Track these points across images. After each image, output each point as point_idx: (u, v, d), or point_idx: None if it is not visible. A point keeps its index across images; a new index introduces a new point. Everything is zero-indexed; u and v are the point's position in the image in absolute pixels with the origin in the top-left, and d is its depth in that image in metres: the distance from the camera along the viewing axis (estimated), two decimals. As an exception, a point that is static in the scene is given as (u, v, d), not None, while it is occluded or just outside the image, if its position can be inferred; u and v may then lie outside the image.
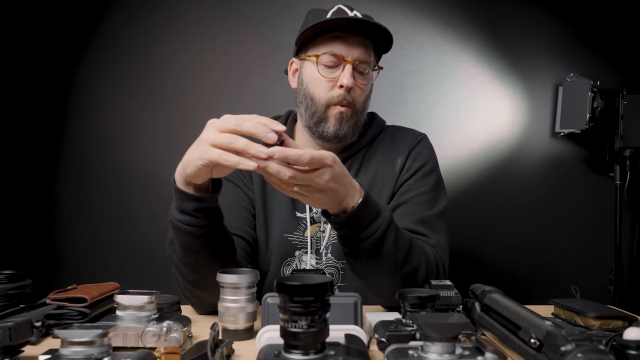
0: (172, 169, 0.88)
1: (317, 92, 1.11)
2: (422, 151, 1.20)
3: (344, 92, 1.09)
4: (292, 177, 0.75)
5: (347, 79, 1.08)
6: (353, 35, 1.10)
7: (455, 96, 2.19)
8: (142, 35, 2.19)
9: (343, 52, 1.09)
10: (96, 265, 2.13)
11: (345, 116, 1.11)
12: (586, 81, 2.01)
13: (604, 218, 2.12)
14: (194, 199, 0.84)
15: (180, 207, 0.86)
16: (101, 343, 0.55)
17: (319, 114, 1.12)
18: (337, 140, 1.14)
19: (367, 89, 1.15)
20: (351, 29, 1.09)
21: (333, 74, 1.10)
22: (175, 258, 0.92)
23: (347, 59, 1.09)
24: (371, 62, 1.13)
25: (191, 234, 0.87)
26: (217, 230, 0.90)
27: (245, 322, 0.80)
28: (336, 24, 1.08)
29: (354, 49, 1.09)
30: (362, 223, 0.87)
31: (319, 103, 1.11)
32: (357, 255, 0.90)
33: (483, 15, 2.19)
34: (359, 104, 1.13)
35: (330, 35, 1.10)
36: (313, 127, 1.14)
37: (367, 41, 1.12)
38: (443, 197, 1.17)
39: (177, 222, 0.87)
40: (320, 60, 1.10)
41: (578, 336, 0.53)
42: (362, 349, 0.59)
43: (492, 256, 2.16)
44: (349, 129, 1.12)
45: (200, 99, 2.13)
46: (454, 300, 0.78)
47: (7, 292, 0.92)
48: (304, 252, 1.15)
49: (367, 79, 1.14)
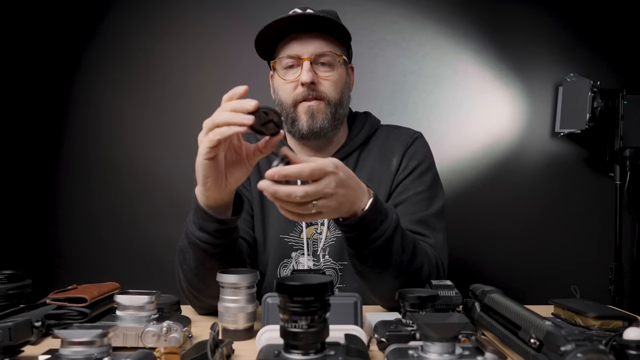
0: (172, 168, 0.89)
1: (284, 95, 1.13)
2: (418, 150, 1.19)
3: (306, 88, 1.10)
4: (304, 195, 0.74)
5: (305, 75, 1.08)
6: (307, 33, 1.10)
7: (455, 96, 2.19)
8: (142, 35, 2.19)
9: (298, 51, 1.10)
10: (96, 265, 2.13)
11: (316, 109, 1.11)
12: (586, 81, 2.01)
13: (604, 218, 2.12)
14: (217, 220, 0.84)
15: (200, 225, 0.86)
16: (101, 343, 0.55)
17: (290, 115, 1.13)
18: (314, 135, 1.13)
19: (338, 79, 1.13)
20: (305, 27, 1.10)
21: (294, 75, 1.11)
22: (186, 268, 0.93)
23: (303, 56, 1.10)
24: (331, 53, 1.12)
25: (207, 251, 0.87)
26: (232, 247, 0.91)
27: (245, 322, 0.81)
28: (283, 27, 1.09)
29: (309, 45, 1.10)
30: (371, 225, 0.85)
31: (287, 104, 1.13)
32: (365, 257, 0.89)
33: (483, 15, 2.19)
34: (331, 95, 1.12)
35: (286, 39, 1.12)
36: (291, 129, 1.15)
37: (326, 35, 1.12)
38: (440, 195, 1.16)
39: (195, 239, 0.87)
40: (279, 65, 1.13)
41: (578, 336, 0.53)
42: (362, 349, 0.59)
43: (492, 256, 2.16)
44: (323, 121, 1.11)
45: (200, 98, 2.13)
46: (454, 300, 0.78)
47: (7, 292, 0.92)
48: (301, 253, 1.15)
49: (333, 69, 1.13)
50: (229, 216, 0.87)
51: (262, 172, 1.20)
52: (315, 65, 1.10)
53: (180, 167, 2.08)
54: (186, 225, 0.89)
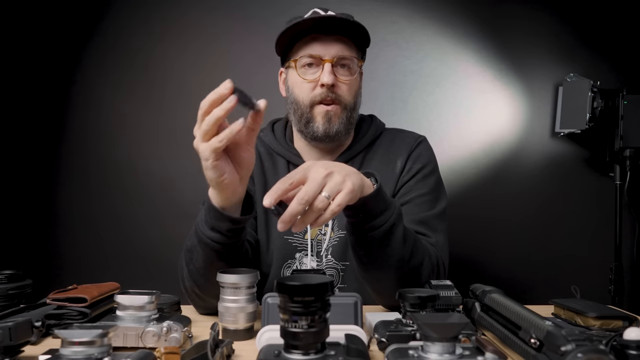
0: (172, 168, 0.89)
1: (301, 94, 1.13)
2: (422, 153, 1.20)
3: (325, 90, 1.10)
4: (308, 190, 0.75)
5: (327, 76, 1.09)
6: (329, 35, 1.11)
7: (455, 96, 2.19)
8: (142, 35, 2.19)
9: (320, 52, 1.10)
10: (96, 265, 2.13)
11: (334, 114, 1.12)
12: (586, 81, 2.01)
13: (604, 218, 2.12)
14: (230, 220, 0.85)
15: (212, 225, 0.86)
16: (101, 343, 0.55)
17: (305, 115, 1.13)
18: (329, 139, 1.14)
19: (354, 83, 1.15)
20: (326, 29, 1.10)
21: (314, 75, 1.12)
22: (192, 267, 0.93)
23: (325, 58, 1.10)
24: (352, 57, 1.13)
25: (218, 251, 0.88)
26: (241, 247, 0.92)
27: (245, 322, 0.81)
28: (308, 26, 1.10)
29: (331, 47, 1.10)
30: (375, 210, 0.87)
31: (303, 104, 1.13)
32: (367, 246, 0.90)
33: (483, 15, 2.19)
34: (347, 99, 1.13)
35: (307, 39, 1.12)
36: (304, 130, 1.15)
37: (345, 38, 1.12)
38: (443, 198, 1.17)
39: (206, 239, 0.87)
40: (299, 63, 1.13)
41: (578, 336, 0.53)
42: (362, 349, 0.59)
43: (492, 256, 2.16)
44: (339, 125, 1.13)
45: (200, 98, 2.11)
46: (454, 300, 0.78)
47: (7, 292, 0.92)
48: (304, 254, 1.16)
49: (352, 73, 1.14)
50: (240, 215, 0.88)
51: (264, 172, 1.20)
52: (335, 68, 1.11)
53: (180, 167, 2.08)
54: (196, 225, 0.89)
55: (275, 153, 1.22)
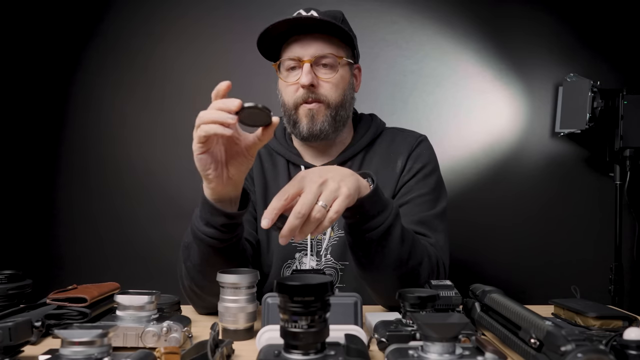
0: (172, 168, 0.89)
1: (286, 97, 1.14)
2: (423, 152, 1.20)
3: (306, 91, 1.10)
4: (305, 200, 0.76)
5: (304, 77, 1.08)
6: (309, 35, 1.11)
7: (455, 96, 2.19)
8: (142, 36, 2.19)
9: (299, 53, 1.10)
10: (96, 265, 2.13)
11: (316, 111, 1.11)
12: (586, 81, 2.01)
13: (604, 218, 2.12)
14: (224, 214, 0.85)
15: (207, 220, 0.86)
16: (101, 343, 0.55)
17: (292, 117, 1.14)
18: (314, 137, 1.13)
19: (339, 81, 1.13)
20: (306, 29, 1.10)
21: (295, 77, 1.12)
22: (190, 264, 0.93)
23: (304, 58, 1.10)
24: (331, 55, 1.11)
25: (214, 247, 0.88)
26: (237, 244, 0.91)
27: (245, 322, 0.80)
28: (282, 30, 1.10)
29: (309, 47, 1.10)
30: (372, 211, 0.87)
31: (288, 106, 1.14)
32: (365, 247, 0.90)
33: (483, 15, 2.19)
34: (331, 98, 1.12)
35: (290, 41, 1.12)
36: (293, 131, 1.16)
37: (327, 36, 1.12)
38: (443, 198, 1.17)
39: (202, 235, 0.87)
40: (282, 67, 1.14)
41: (578, 336, 0.53)
42: (362, 349, 0.59)
43: (492, 256, 2.16)
44: (323, 124, 1.12)
45: (200, 98, 2.11)
46: (454, 300, 0.78)
47: (7, 292, 0.92)
48: (304, 254, 1.16)
49: (334, 71, 1.12)
50: (236, 211, 0.88)
51: (264, 172, 1.20)
52: (316, 67, 1.10)
53: (180, 167, 2.08)
54: (192, 221, 0.89)
55: (275, 153, 1.22)
